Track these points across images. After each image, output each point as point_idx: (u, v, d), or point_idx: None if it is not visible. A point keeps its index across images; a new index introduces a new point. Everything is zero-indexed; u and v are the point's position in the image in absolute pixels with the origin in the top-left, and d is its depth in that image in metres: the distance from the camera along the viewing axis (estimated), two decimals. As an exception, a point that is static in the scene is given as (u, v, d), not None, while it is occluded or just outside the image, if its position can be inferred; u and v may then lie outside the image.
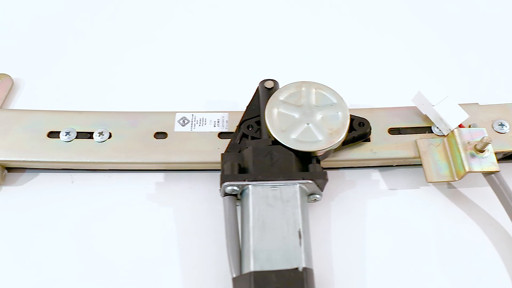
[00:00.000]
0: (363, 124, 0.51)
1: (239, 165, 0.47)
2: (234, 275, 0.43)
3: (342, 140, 0.49)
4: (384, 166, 0.53)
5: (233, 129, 0.53)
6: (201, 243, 0.49)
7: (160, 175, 0.53)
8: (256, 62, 0.63)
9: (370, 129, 0.51)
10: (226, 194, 0.47)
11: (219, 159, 0.51)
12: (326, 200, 0.51)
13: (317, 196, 0.48)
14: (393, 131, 0.53)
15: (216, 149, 0.51)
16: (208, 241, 0.49)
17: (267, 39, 0.66)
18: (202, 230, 0.49)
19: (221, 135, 0.53)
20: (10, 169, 0.53)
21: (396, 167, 0.53)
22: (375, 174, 0.53)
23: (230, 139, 0.51)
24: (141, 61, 0.64)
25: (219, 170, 0.51)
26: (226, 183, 0.46)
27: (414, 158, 0.51)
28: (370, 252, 0.48)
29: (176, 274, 0.47)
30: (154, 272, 0.47)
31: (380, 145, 0.52)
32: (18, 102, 0.59)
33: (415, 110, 0.53)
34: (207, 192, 0.52)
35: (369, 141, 0.52)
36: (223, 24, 0.68)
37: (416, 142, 0.52)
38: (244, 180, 0.45)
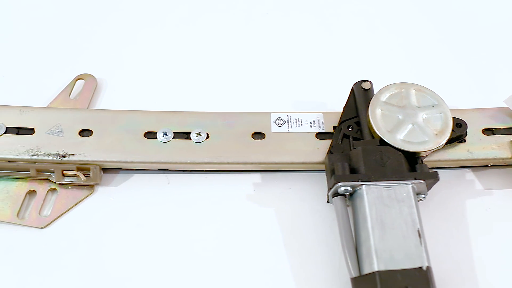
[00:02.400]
0: (461, 125, 0.52)
1: (349, 165, 0.48)
2: (354, 275, 0.44)
3: (447, 141, 0.49)
4: (477, 166, 0.54)
5: (329, 130, 0.53)
6: (307, 244, 0.49)
7: (257, 175, 0.53)
8: (337, 63, 0.63)
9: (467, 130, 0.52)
10: (336, 195, 0.47)
11: (319, 159, 0.51)
12: (425, 200, 0.51)
13: (423, 196, 0.48)
14: (487, 131, 0.53)
15: (315, 150, 0.52)
16: (314, 241, 0.49)
17: (347, 41, 0.67)
18: (306, 230, 0.49)
19: (319, 135, 0.53)
20: (104, 169, 0.53)
21: (489, 167, 0.54)
22: (469, 174, 0.53)
23: (328, 140, 0.52)
24: (222, 61, 0.64)
25: (318, 170, 0.53)
26: (340, 184, 0.46)
27: (511, 158, 0.52)
28: (477, 251, 0.48)
29: (287, 275, 0.47)
30: (264, 273, 0.47)
31: (476, 146, 0.52)
32: (103, 102, 0.59)
33: (507, 111, 0.54)
34: (305, 193, 0.52)
35: (465, 141, 0.53)
36: (308, 25, 0.68)
37: (511, 143, 0.53)
38: (358, 180, 0.46)
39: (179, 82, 0.61)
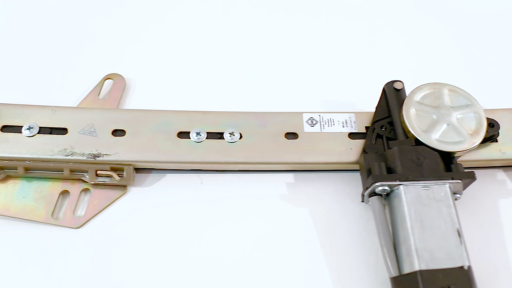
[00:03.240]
0: (493, 125, 0.52)
1: (385, 165, 0.48)
2: (393, 275, 0.44)
3: (481, 141, 0.50)
4: (508, 166, 0.54)
5: (361, 130, 0.53)
6: (343, 244, 0.49)
7: (289, 175, 0.53)
8: (364, 63, 0.63)
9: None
10: (373, 194, 0.47)
11: (352, 159, 0.51)
12: (457, 200, 0.51)
13: (458, 195, 0.48)
14: (519, 131, 0.54)
15: (349, 150, 0.52)
16: (349, 241, 0.49)
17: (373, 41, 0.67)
18: (341, 230, 0.49)
19: (351, 135, 0.53)
20: (136, 169, 0.52)
21: (520, 167, 0.54)
22: (500, 174, 0.54)
23: (361, 140, 0.52)
24: (249, 61, 0.64)
25: (351, 170, 0.53)
26: (377, 183, 0.46)
27: (544, 158, 0.52)
28: (512, 251, 0.49)
29: (325, 275, 0.47)
30: (301, 273, 0.47)
31: (509, 146, 0.52)
32: (132, 101, 0.58)
33: (537, 111, 0.55)
34: (339, 193, 0.52)
35: (496, 141, 0.53)
36: (334, 26, 0.68)
37: (543, 142, 0.53)
38: (396, 180, 0.46)
39: (206, 81, 0.61)
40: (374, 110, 0.54)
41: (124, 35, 0.66)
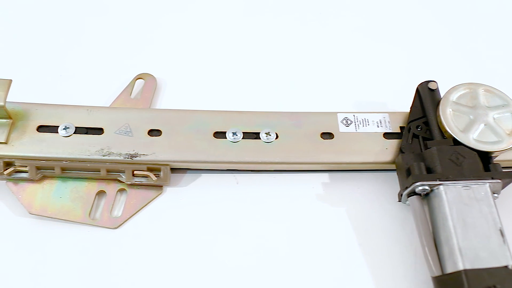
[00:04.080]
0: (528, 125, 0.53)
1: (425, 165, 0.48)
2: (436, 274, 0.44)
3: (519, 140, 0.50)
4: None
5: (396, 130, 0.53)
6: (381, 243, 0.49)
7: (325, 175, 0.53)
8: (394, 64, 0.64)
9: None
10: (412, 194, 0.48)
11: (388, 159, 0.52)
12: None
13: (495, 195, 0.48)
14: (552, 131, 0.54)
15: (384, 150, 0.52)
16: (387, 240, 0.49)
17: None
18: (378, 230, 0.50)
19: (386, 135, 0.53)
20: (172, 169, 0.52)
21: (552, 167, 0.55)
22: (534, 174, 0.54)
23: (396, 140, 0.52)
24: (279, 61, 0.64)
25: (385, 170, 0.53)
26: (418, 183, 0.46)
27: None
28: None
29: (365, 275, 0.47)
30: (340, 273, 0.47)
31: (543, 145, 0.53)
32: (164, 101, 0.58)
33: None
34: (374, 192, 0.52)
35: (532, 141, 0.53)
36: (363, 26, 0.68)
37: None
38: (436, 180, 0.46)
39: (235, 81, 0.61)
40: (405, 110, 0.55)
41: (153, 35, 0.66)
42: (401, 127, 0.53)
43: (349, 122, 0.54)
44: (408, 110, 0.54)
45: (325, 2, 0.71)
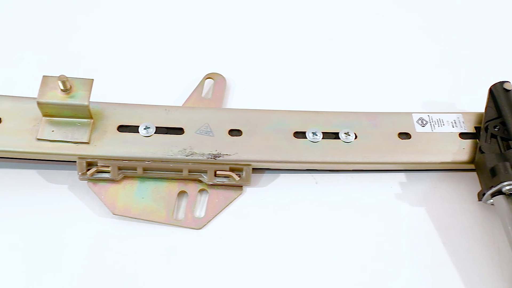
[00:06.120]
0: None
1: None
2: (528, 274, 0.45)
3: None
4: None
5: (471, 130, 0.54)
6: (465, 242, 0.49)
7: (401, 175, 0.53)
8: (462, 64, 0.64)
9: None
10: (496, 194, 0.48)
11: (465, 158, 0.52)
12: None
13: None
14: None
15: (461, 149, 0.52)
16: (469, 240, 0.49)
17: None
18: (460, 229, 0.50)
19: (462, 135, 0.54)
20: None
21: None
22: None
23: (472, 140, 0.53)
24: (344, 60, 0.64)
25: (462, 170, 0.53)
26: (505, 183, 0.47)
27: None
28: None
29: (452, 273, 0.47)
30: (425, 271, 0.48)
31: None
32: (234, 101, 0.58)
33: None
34: (452, 192, 0.53)
35: None
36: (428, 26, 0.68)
37: None
38: (525, 179, 0.47)
39: (302, 81, 0.61)
40: (472, 110, 0.56)
41: (220, 34, 0.65)
42: (475, 127, 0.54)
43: (424, 122, 0.54)
44: (476, 110, 0.55)
45: (395, 2, 0.71)
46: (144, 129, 0.51)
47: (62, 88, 0.48)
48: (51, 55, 0.62)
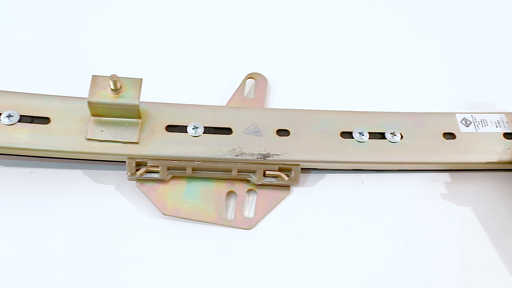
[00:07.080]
0: None
1: (558, 164, 0.49)
2: None
3: None
4: None
5: (514, 130, 0.55)
6: (513, 242, 0.50)
7: (446, 175, 0.54)
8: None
9: None
10: (546, 193, 0.49)
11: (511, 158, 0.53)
12: None
13: None
14: None
15: (507, 149, 0.53)
16: (519, 239, 0.50)
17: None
18: (508, 229, 0.50)
19: (507, 135, 0.54)
20: (297, 169, 0.52)
21: None
22: None
23: (518, 139, 0.54)
24: (381, 61, 0.64)
25: (505, 170, 0.54)
26: (556, 182, 0.48)
27: None
28: None
29: (504, 273, 0.48)
30: (477, 270, 0.48)
31: None
32: (276, 101, 0.58)
33: None
34: (498, 192, 0.53)
35: None
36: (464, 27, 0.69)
37: None
38: None
39: (341, 81, 0.61)
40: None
41: (260, 34, 0.65)
42: (519, 127, 0.55)
43: (468, 122, 0.54)
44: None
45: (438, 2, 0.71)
46: (193, 129, 0.50)
47: (112, 87, 0.47)
48: (88, 55, 0.61)
